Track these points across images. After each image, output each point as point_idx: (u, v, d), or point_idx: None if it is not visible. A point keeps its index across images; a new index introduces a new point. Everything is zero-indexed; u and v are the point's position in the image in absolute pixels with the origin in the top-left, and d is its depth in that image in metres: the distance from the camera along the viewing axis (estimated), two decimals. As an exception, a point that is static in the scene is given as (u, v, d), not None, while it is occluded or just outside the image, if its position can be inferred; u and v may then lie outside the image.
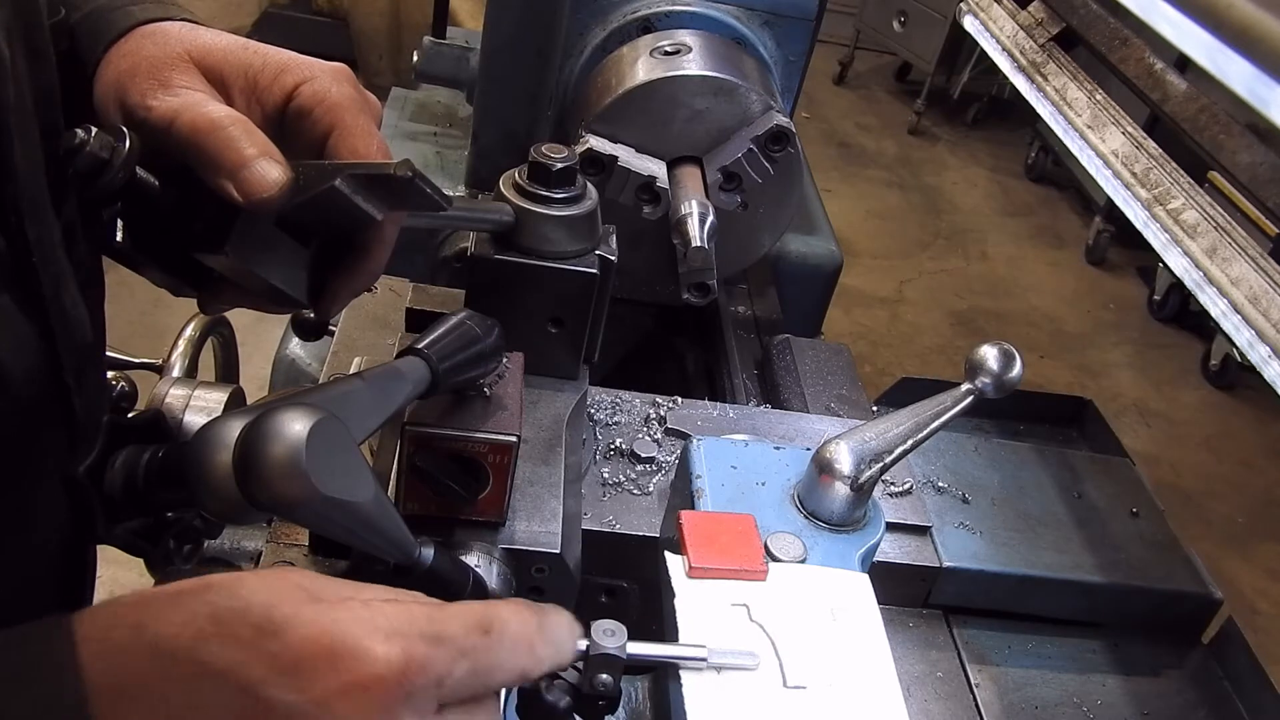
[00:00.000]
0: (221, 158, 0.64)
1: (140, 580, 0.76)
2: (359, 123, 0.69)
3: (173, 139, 0.65)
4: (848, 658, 0.71)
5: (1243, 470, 3.96)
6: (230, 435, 0.56)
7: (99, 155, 0.61)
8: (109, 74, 0.69)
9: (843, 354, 1.35)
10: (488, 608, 0.55)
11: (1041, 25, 1.38)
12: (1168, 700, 1.03)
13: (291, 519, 0.57)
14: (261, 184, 0.64)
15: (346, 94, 0.70)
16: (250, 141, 0.64)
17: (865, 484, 0.81)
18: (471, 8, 2.99)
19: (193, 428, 0.65)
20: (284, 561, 0.88)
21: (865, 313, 4.40)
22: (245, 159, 0.64)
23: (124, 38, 0.70)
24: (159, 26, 0.71)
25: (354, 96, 0.71)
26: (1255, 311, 0.88)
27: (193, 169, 0.66)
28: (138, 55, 0.69)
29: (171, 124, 0.65)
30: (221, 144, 0.64)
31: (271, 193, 0.64)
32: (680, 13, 1.39)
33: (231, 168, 0.64)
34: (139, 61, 0.68)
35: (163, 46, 0.69)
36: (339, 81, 0.71)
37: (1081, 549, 1.07)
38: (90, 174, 0.61)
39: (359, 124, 0.69)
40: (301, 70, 0.70)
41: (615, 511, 0.99)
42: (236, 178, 0.64)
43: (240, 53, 0.70)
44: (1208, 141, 1.02)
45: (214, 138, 0.64)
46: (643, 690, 0.92)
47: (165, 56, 0.68)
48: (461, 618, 0.53)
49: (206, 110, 0.65)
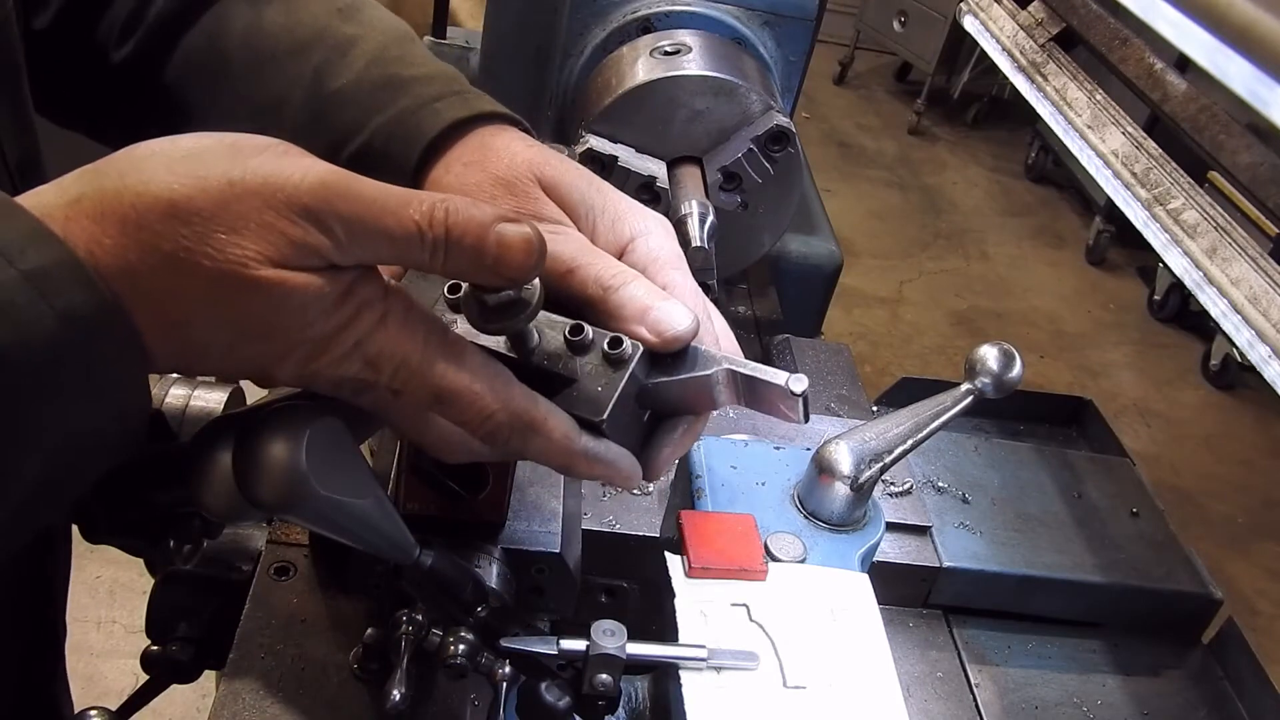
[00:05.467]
0: (626, 310, 0.63)
1: (140, 580, 0.76)
2: (687, 284, 0.68)
3: (567, 290, 0.64)
4: (848, 658, 0.71)
5: (1243, 470, 3.96)
6: (230, 435, 0.56)
7: (523, 296, 0.58)
8: (449, 190, 0.67)
9: (843, 354, 1.35)
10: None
11: (1041, 25, 1.38)
12: (1168, 700, 1.03)
13: (291, 519, 0.57)
14: (670, 323, 0.62)
15: (674, 251, 0.69)
16: (651, 292, 0.63)
17: (865, 484, 0.81)
18: (471, 8, 2.99)
19: (193, 428, 0.65)
20: (284, 561, 0.88)
21: (865, 313, 4.41)
22: (650, 304, 0.63)
23: (460, 141, 0.69)
24: (496, 139, 0.70)
25: (680, 254, 0.69)
26: (1255, 311, 0.88)
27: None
28: (485, 174, 0.67)
29: (569, 275, 0.63)
30: (626, 299, 0.63)
31: (686, 331, 0.62)
32: (680, 13, 1.39)
33: (638, 313, 0.62)
34: (489, 185, 0.66)
35: (512, 168, 0.67)
36: (670, 237, 0.69)
37: (1081, 549, 1.07)
38: (501, 309, 0.58)
39: (687, 285, 0.68)
40: (636, 221, 0.68)
41: (615, 511, 0.99)
42: (647, 320, 0.62)
43: (584, 189, 0.68)
44: (1208, 141, 1.02)
45: (619, 293, 0.63)
46: (643, 690, 0.92)
47: (520, 180, 0.66)
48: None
49: (606, 267, 0.64)
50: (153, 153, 0.49)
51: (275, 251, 0.48)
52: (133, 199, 0.47)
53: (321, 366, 0.52)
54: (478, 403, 0.56)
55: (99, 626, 2.59)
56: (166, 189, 0.47)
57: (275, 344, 0.51)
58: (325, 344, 0.52)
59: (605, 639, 0.65)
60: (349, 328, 0.52)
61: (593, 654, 0.65)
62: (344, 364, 0.53)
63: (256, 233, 0.47)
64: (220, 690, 0.78)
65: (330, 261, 0.50)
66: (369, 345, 0.52)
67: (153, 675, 0.85)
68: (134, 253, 0.47)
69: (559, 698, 0.67)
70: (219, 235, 0.47)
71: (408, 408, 0.58)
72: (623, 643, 0.65)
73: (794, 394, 0.62)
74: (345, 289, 0.51)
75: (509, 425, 0.57)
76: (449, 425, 0.58)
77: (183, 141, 0.50)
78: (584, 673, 0.65)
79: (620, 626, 0.66)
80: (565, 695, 0.67)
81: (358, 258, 0.51)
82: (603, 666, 0.65)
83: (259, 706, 0.77)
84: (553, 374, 0.61)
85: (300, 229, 0.48)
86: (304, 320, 0.50)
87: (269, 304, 0.49)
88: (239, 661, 0.79)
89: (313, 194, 0.48)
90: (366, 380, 0.54)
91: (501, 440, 0.58)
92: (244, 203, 0.47)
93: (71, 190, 0.48)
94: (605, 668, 0.65)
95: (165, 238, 0.47)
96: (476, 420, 0.56)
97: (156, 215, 0.47)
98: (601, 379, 0.61)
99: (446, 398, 0.55)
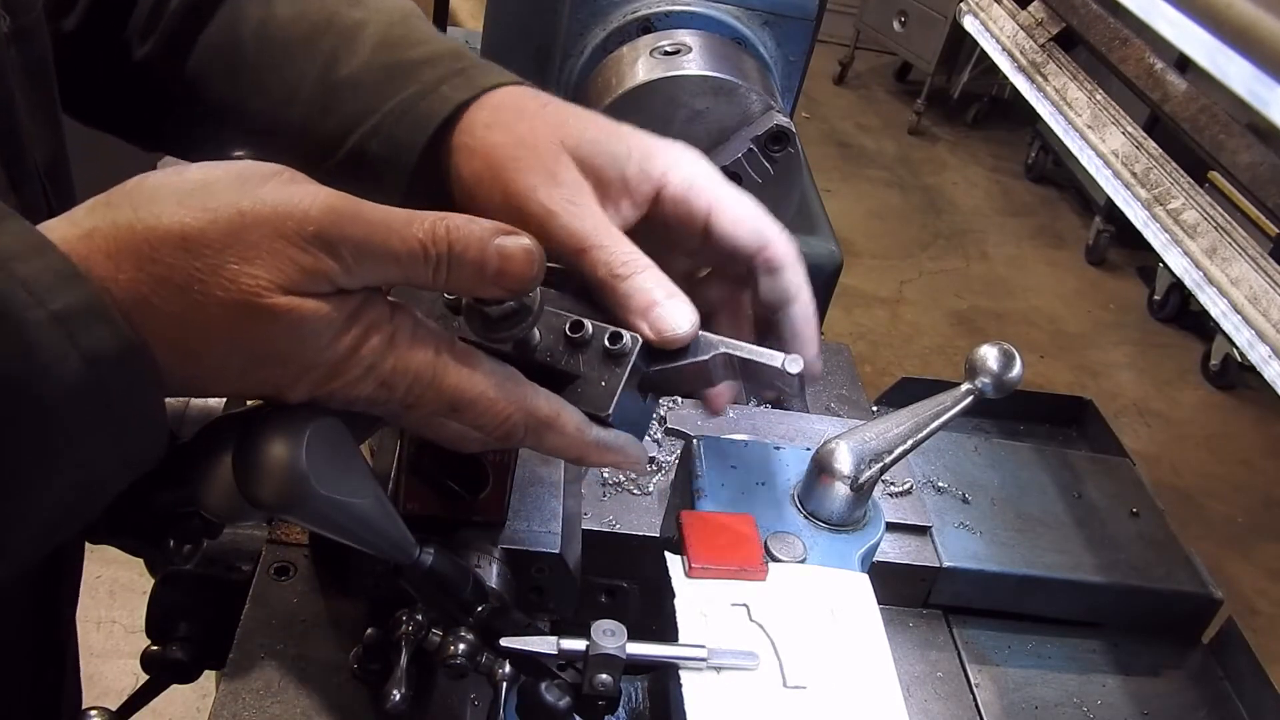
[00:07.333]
0: (631, 302, 0.63)
1: (140, 580, 0.76)
2: (732, 194, 0.69)
3: (578, 268, 0.64)
4: (848, 658, 0.71)
5: (1243, 470, 3.96)
6: (230, 435, 0.56)
7: (524, 304, 0.58)
8: (473, 153, 0.68)
9: (843, 354, 1.35)
10: None
11: (1041, 25, 1.38)
12: (1168, 700, 1.03)
13: (291, 519, 0.57)
14: (670, 323, 0.63)
15: (708, 170, 0.70)
16: (659, 284, 0.64)
17: (865, 484, 0.81)
18: (471, 8, 2.99)
19: (193, 428, 0.65)
20: (284, 561, 0.88)
21: (865, 313, 4.41)
22: (655, 300, 0.63)
23: (474, 104, 0.69)
24: (514, 100, 0.70)
25: (714, 173, 0.70)
26: (1255, 311, 0.88)
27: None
28: (509, 134, 0.67)
29: (581, 254, 0.64)
30: (633, 290, 0.63)
31: (686, 334, 0.63)
32: (680, 13, 1.39)
33: (642, 308, 0.63)
34: (513, 146, 0.67)
35: (534, 130, 0.67)
36: (701, 159, 0.70)
37: (1081, 549, 1.07)
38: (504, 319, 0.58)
39: (732, 196, 0.68)
40: (665, 155, 0.69)
41: (615, 511, 0.99)
42: (649, 316, 0.63)
43: (608, 142, 0.68)
44: (1208, 141, 1.02)
45: (628, 283, 0.63)
46: (643, 690, 0.92)
47: (543, 144, 0.67)
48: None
49: (618, 252, 0.64)
50: (161, 184, 0.50)
51: (286, 278, 0.49)
52: (146, 233, 0.48)
53: (336, 389, 0.53)
54: (493, 408, 0.57)
55: (99, 626, 2.59)
56: (178, 223, 0.48)
57: (289, 369, 0.52)
58: (338, 367, 0.52)
59: (605, 639, 0.65)
60: (360, 350, 0.52)
61: (593, 654, 0.64)
62: (358, 386, 0.54)
63: (268, 261, 0.48)
64: (220, 690, 0.78)
65: (338, 286, 0.51)
66: (382, 365, 0.53)
67: (153, 675, 0.85)
68: (148, 286, 0.48)
69: (559, 698, 0.67)
70: (231, 265, 0.48)
71: (422, 417, 0.59)
72: (623, 643, 0.65)
73: (790, 374, 0.63)
74: (353, 312, 0.52)
75: (524, 425, 0.58)
76: (459, 427, 0.59)
77: (191, 173, 0.51)
78: (584, 673, 0.65)
79: (620, 626, 0.66)
80: (565, 695, 0.67)
81: (365, 280, 0.52)
82: (603, 666, 0.65)
83: (259, 706, 0.77)
84: (556, 371, 0.62)
85: (310, 255, 0.49)
86: (317, 345, 0.51)
87: (282, 331, 0.50)
88: (239, 661, 0.79)
89: (321, 220, 0.49)
90: (380, 398, 0.55)
91: (517, 439, 0.59)
92: (254, 232, 0.48)
93: (84, 223, 0.49)
94: (605, 668, 0.65)
95: (179, 270, 0.47)
96: (493, 423, 0.58)
97: (169, 248, 0.47)
98: (603, 373, 0.62)
99: (462, 405, 0.56)
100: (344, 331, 0.52)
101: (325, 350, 0.51)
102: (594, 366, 0.62)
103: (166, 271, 0.47)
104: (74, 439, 0.47)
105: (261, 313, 0.49)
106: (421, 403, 0.56)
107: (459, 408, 0.56)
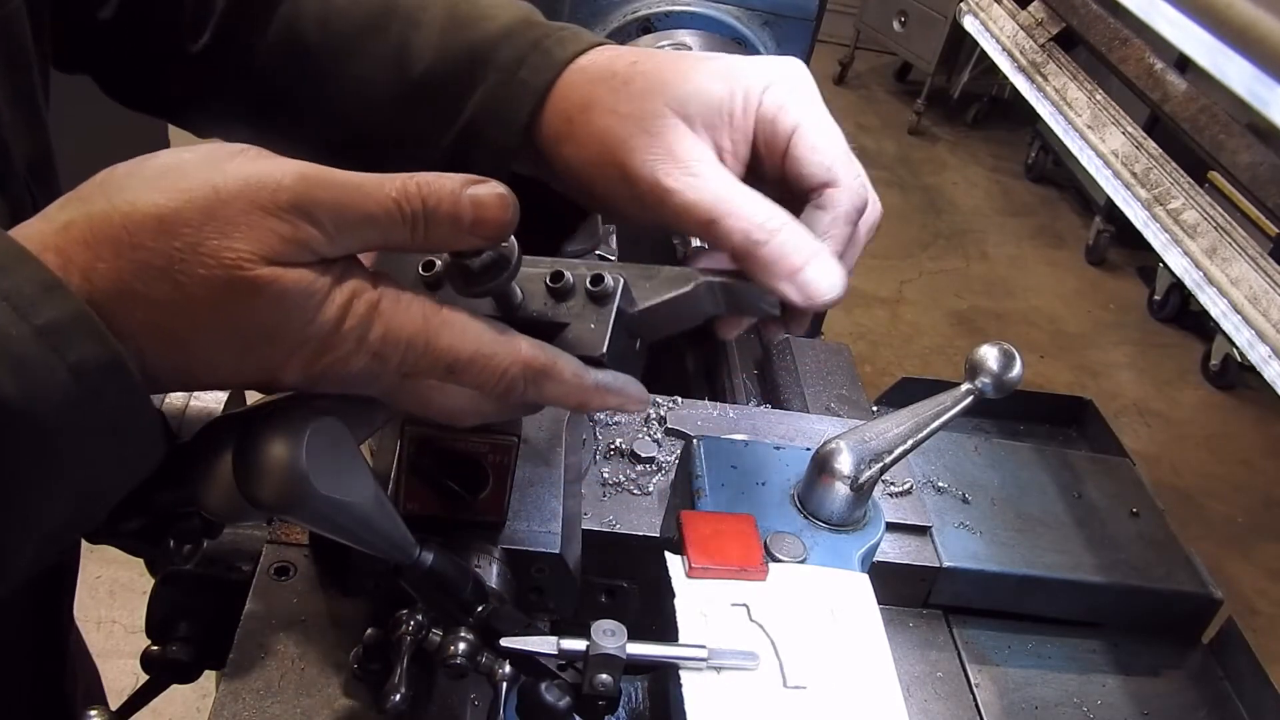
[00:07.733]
0: (776, 269, 0.63)
1: (140, 580, 0.76)
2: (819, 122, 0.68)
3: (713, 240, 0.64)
4: (848, 658, 0.71)
5: (1243, 470, 3.96)
6: (230, 435, 0.56)
7: (503, 253, 0.58)
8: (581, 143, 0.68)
9: (843, 354, 1.35)
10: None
11: (1041, 25, 1.38)
12: (1168, 700, 1.03)
13: (291, 519, 0.57)
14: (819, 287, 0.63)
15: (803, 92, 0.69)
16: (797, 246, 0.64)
17: (865, 484, 0.81)
18: (471, 8, 2.99)
19: (193, 428, 0.65)
20: (284, 561, 0.88)
21: (865, 313, 4.41)
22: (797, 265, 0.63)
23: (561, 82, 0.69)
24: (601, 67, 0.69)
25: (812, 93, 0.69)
26: (1255, 311, 0.88)
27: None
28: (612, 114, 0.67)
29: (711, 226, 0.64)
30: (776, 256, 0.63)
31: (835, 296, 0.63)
32: (680, 13, 1.39)
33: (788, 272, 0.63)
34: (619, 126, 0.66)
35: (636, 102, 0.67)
36: (796, 79, 0.69)
37: (1081, 549, 1.07)
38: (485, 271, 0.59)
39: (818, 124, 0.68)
40: (762, 77, 0.68)
41: (615, 511, 0.99)
42: (796, 280, 0.63)
43: (710, 89, 0.67)
44: (1208, 141, 1.02)
45: (767, 249, 0.63)
46: (643, 690, 0.92)
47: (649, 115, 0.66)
48: None
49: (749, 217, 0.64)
50: (132, 172, 0.50)
51: (267, 248, 0.48)
52: (122, 220, 0.47)
53: (328, 365, 0.53)
54: (490, 363, 0.56)
55: (99, 626, 2.59)
56: (153, 205, 0.47)
57: (279, 347, 0.51)
58: (328, 340, 0.52)
59: (605, 639, 0.65)
60: (346, 320, 0.52)
61: (593, 654, 0.64)
62: (351, 360, 0.53)
63: (246, 233, 0.48)
64: (220, 690, 0.78)
65: (320, 254, 0.51)
66: (371, 334, 0.53)
67: (153, 675, 0.85)
68: (130, 273, 0.47)
69: (559, 698, 0.67)
70: (211, 241, 0.47)
71: (416, 387, 0.58)
72: (623, 643, 0.65)
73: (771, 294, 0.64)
74: (336, 278, 0.52)
75: (522, 376, 0.58)
76: (455, 394, 0.59)
77: (159, 158, 0.51)
78: (584, 673, 0.65)
79: (620, 626, 0.66)
80: (565, 695, 0.67)
81: (345, 246, 0.52)
82: (603, 666, 0.65)
83: (259, 706, 0.77)
84: (542, 323, 0.62)
85: (288, 224, 0.49)
86: (304, 318, 0.51)
87: (267, 304, 0.49)
88: (239, 661, 0.79)
89: (295, 188, 0.49)
90: (375, 371, 0.54)
91: (518, 393, 0.58)
92: (230, 206, 0.48)
93: (59, 218, 0.48)
94: (605, 668, 0.65)
95: (159, 253, 0.47)
96: (492, 379, 0.57)
97: (148, 232, 0.47)
98: (590, 317, 0.62)
99: (459, 366, 0.56)
100: (328, 299, 0.51)
101: (312, 323, 0.51)
102: (580, 312, 0.62)
103: (147, 256, 0.47)
104: (69, 452, 0.47)
105: (245, 286, 0.48)
106: (418, 369, 0.55)
107: (456, 368, 0.56)
